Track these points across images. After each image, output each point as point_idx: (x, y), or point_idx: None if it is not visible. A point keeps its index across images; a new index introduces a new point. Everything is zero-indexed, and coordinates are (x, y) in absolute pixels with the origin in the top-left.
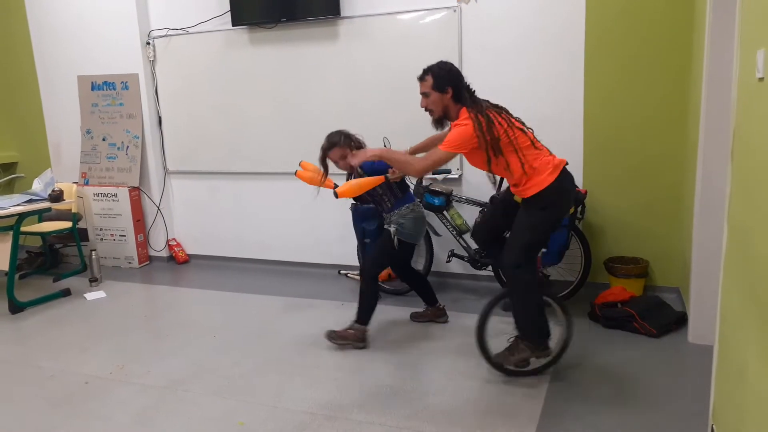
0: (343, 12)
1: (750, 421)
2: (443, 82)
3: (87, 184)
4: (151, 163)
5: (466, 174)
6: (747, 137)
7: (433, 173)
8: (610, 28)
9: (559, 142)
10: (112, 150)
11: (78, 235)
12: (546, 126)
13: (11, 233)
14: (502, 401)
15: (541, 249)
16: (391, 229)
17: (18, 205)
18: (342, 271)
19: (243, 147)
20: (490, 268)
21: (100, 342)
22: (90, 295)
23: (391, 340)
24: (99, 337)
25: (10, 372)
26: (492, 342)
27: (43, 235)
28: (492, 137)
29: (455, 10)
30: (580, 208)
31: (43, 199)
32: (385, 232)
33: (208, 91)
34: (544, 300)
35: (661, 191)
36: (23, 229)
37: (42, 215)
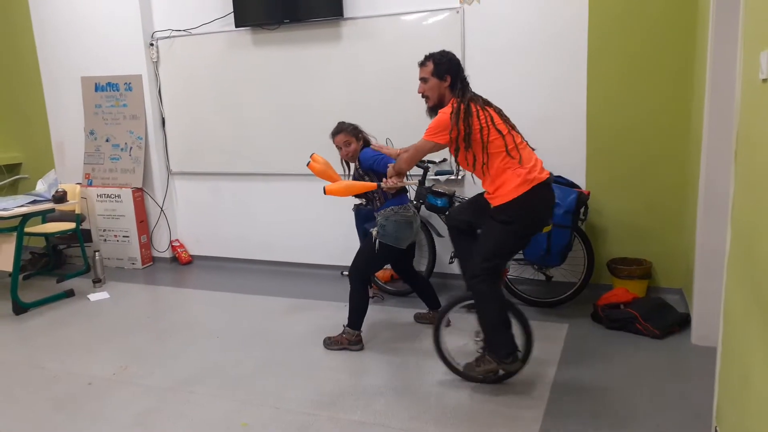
0: (346, 13)
1: (753, 422)
2: (443, 70)
3: (90, 185)
4: (155, 164)
5: (468, 175)
6: (750, 138)
7: (436, 174)
8: (612, 29)
9: (562, 143)
10: (115, 151)
11: (81, 236)
12: (549, 127)
13: (15, 234)
14: (505, 404)
15: (504, 261)
16: (373, 232)
17: (22, 206)
18: (344, 272)
19: (246, 148)
20: None
21: (104, 343)
22: (93, 296)
23: (393, 342)
24: (102, 338)
25: (13, 373)
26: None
27: (46, 236)
28: (465, 128)
29: (458, 11)
30: (583, 210)
31: (46, 200)
32: (369, 234)
33: (211, 92)
34: (508, 313)
35: (664, 192)
36: (27, 230)
37: (46, 216)
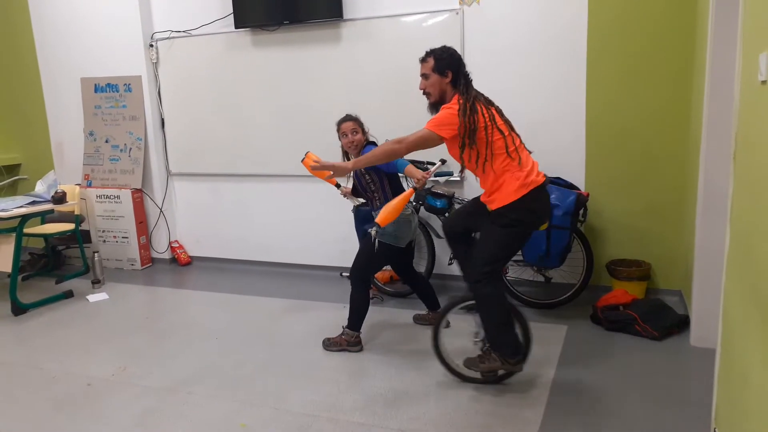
0: (346, 14)
1: (752, 424)
2: (444, 65)
3: (90, 185)
4: (154, 165)
5: (468, 176)
6: (749, 140)
7: (435, 176)
8: (612, 30)
9: (561, 145)
10: (114, 152)
11: (81, 236)
12: (548, 128)
13: (14, 235)
14: (504, 405)
15: (503, 263)
16: (372, 231)
17: (21, 206)
18: (344, 273)
19: (245, 149)
20: None
21: (103, 344)
22: (92, 297)
23: (393, 343)
24: (101, 338)
25: (12, 373)
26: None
27: (45, 236)
28: (471, 125)
29: (457, 13)
30: (582, 211)
31: (46, 201)
32: (368, 235)
33: (210, 93)
34: (512, 314)
35: (664, 194)
36: (26, 230)
37: (45, 217)
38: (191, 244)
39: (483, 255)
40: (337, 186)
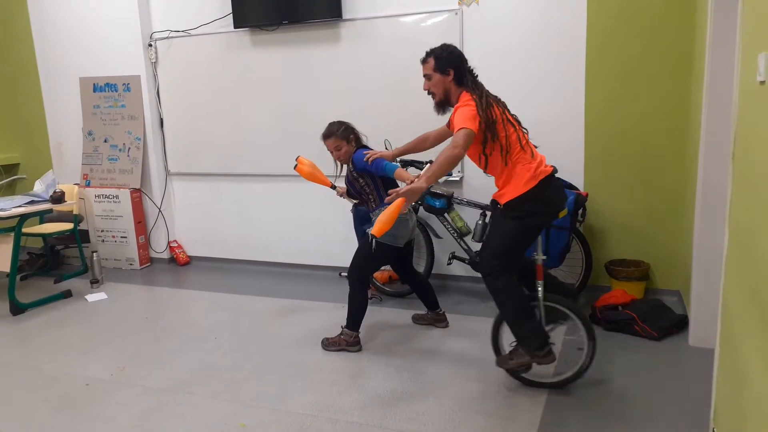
0: (345, 14)
1: (751, 424)
2: (445, 64)
3: (88, 185)
4: (153, 164)
5: (467, 176)
6: (748, 140)
7: None
8: (611, 31)
9: (561, 145)
10: (113, 152)
11: (79, 236)
12: (547, 129)
13: (12, 234)
14: (503, 405)
15: (515, 257)
16: (368, 231)
17: (19, 206)
18: (343, 273)
19: (244, 149)
20: None
21: (101, 344)
22: (91, 297)
23: (391, 343)
24: (100, 338)
25: (10, 374)
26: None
27: (44, 236)
28: (490, 118)
29: (457, 13)
30: (581, 211)
31: (44, 201)
32: (366, 235)
33: (209, 93)
34: (531, 305)
35: (662, 194)
36: (24, 230)
37: (43, 216)
38: (190, 243)
39: (494, 248)
40: (333, 187)
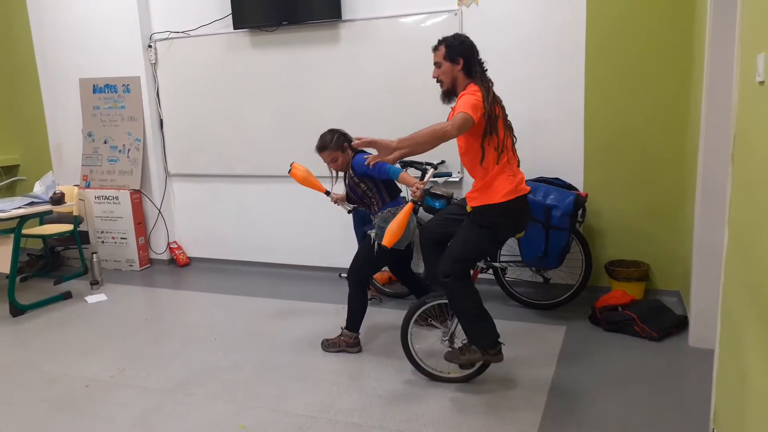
0: (345, 15)
1: (751, 424)
2: (455, 53)
3: (88, 186)
4: (153, 165)
5: (466, 177)
6: (747, 140)
7: (434, 176)
8: (611, 31)
9: (560, 145)
10: (113, 153)
11: (79, 237)
12: (547, 129)
13: (12, 236)
14: (503, 406)
15: (474, 263)
16: (371, 234)
17: (19, 207)
18: (342, 274)
19: (244, 150)
20: (491, 271)
21: (101, 345)
22: (91, 298)
23: (391, 344)
24: (100, 340)
25: (10, 375)
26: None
27: (44, 237)
28: (493, 112)
29: (456, 14)
30: (581, 212)
31: (44, 202)
32: (367, 237)
33: (209, 93)
34: (484, 306)
35: (662, 194)
36: (24, 231)
37: (43, 218)
38: (190, 244)
39: (457, 251)
40: (327, 193)
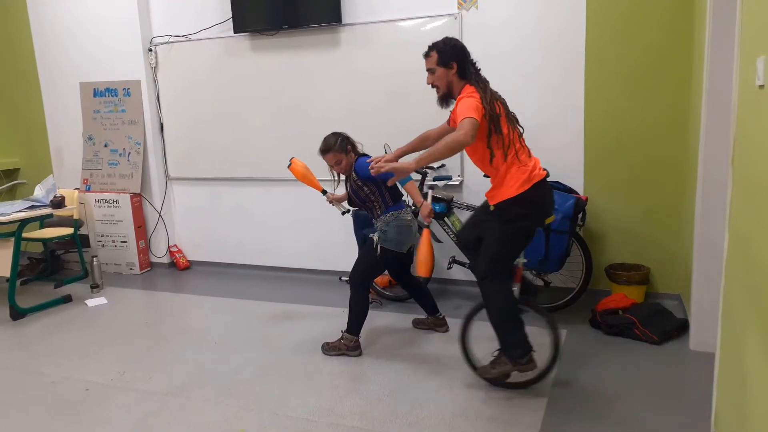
0: (345, 19)
1: (752, 427)
2: (448, 58)
3: (89, 190)
4: (153, 169)
5: (466, 180)
6: (747, 144)
7: (434, 179)
8: (610, 35)
9: (560, 149)
10: (113, 156)
11: (79, 241)
12: (547, 132)
13: (13, 239)
14: (504, 410)
15: (511, 260)
16: (374, 237)
17: (20, 211)
18: (343, 277)
19: (244, 153)
20: None
21: (102, 348)
22: (91, 302)
23: (392, 347)
24: (100, 343)
25: (11, 378)
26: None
27: (44, 241)
28: (494, 111)
29: (456, 17)
30: (581, 215)
31: (44, 206)
32: (369, 240)
33: (209, 97)
34: (521, 313)
35: (662, 198)
36: (25, 235)
37: (43, 221)
38: (190, 248)
39: (490, 252)
40: (323, 192)
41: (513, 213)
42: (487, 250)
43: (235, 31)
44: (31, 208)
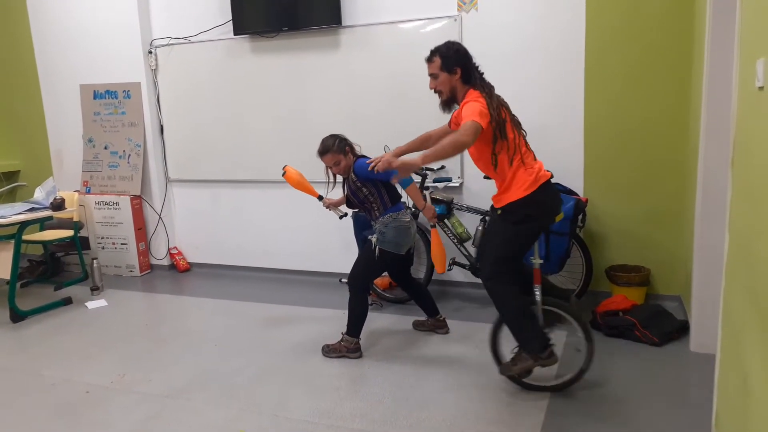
0: (345, 21)
1: (753, 429)
2: (451, 63)
3: (89, 192)
4: (153, 171)
5: (466, 182)
6: (747, 145)
7: (434, 181)
8: (610, 36)
9: (560, 151)
10: (113, 158)
11: (79, 243)
12: (547, 134)
13: (13, 242)
14: (504, 412)
15: (516, 261)
16: (372, 239)
17: (20, 213)
18: (343, 279)
19: (244, 155)
20: None
21: (102, 351)
22: (91, 304)
23: (392, 349)
24: (100, 345)
25: (11, 380)
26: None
27: (44, 243)
28: (500, 117)
29: (456, 19)
30: (581, 217)
31: (44, 208)
32: (368, 242)
33: (209, 99)
34: (532, 308)
35: (663, 199)
36: (25, 237)
37: (43, 224)
38: (190, 250)
39: (494, 253)
40: (320, 198)
41: (521, 214)
42: (493, 250)
43: (235, 33)
44: (31, 210)
